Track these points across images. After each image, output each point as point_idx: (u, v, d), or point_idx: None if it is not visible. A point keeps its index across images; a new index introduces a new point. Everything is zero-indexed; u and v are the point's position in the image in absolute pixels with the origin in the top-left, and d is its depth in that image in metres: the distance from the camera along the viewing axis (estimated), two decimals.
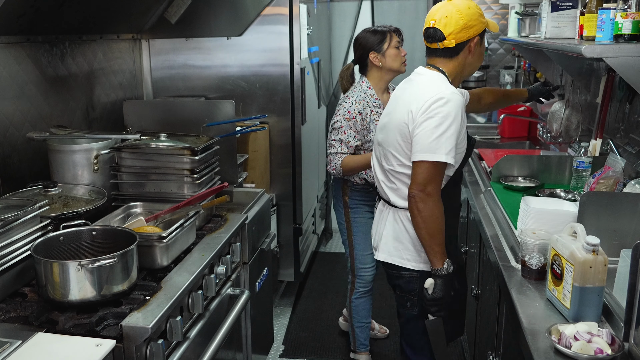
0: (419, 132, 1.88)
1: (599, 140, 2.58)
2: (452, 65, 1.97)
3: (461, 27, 1.90)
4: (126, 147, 2.35)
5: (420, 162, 1.88)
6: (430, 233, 1.90)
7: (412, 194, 1.90)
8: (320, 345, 3.34)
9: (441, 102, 1.86)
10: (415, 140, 1.89)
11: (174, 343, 1.73)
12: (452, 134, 1.85)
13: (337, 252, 4.73)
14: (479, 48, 1.98)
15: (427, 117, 1.86)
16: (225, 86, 3.47)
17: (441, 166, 1.89)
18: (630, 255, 1.32)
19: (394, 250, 2.07)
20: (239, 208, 2.57)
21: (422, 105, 1.88)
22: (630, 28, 1.90)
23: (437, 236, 1.91)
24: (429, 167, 1.87)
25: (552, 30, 2.52)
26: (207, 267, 1.98)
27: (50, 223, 1.87)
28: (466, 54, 1.96)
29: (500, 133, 4.04)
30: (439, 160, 1.85)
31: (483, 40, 2.02)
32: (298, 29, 3.34)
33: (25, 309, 1.63)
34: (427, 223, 1.89)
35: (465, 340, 3.03)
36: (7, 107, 2.25)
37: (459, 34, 1.91)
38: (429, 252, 1.94)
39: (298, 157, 3.51)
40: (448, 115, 1.85)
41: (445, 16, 1.90)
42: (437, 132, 1.85)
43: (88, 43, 2.82)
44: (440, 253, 1.92)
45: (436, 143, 1.85)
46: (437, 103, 1.86)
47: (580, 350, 1.31)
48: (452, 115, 1.85)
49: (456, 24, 1.90)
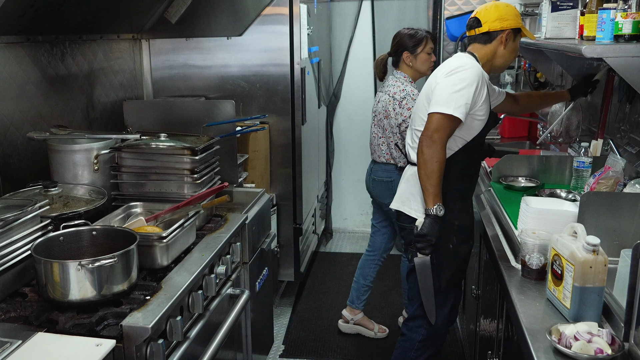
0: (436, 89, 2.17)
1: (600, 140, 2.58)
2: (484, 51, 2.25)
3: (496, 17, 2.21)
4: (126, 147, 2.35)
5: (432, 114, 2.14)
6: (427, 174, 2.12)
7: (421, 139, 2.15)
8: (320, 345, 3.34)
9: (461, 68, 2.16)
10: (433, 96, 2.17)
11: (174, 343, 1.73)
12: (464, 94, 2.10)
13: (337, 252, 4.74)
14: (512, 43, 2.25)
15: (446, 77, 2.16)
16: (226, 86, 3.47)
17: (450, 118, 2.11)
18: (630, 255, 1.31)
19: (405, 200, 2.34)
20: (239, 208, 2.57)
21: (445, 70, 2.19)
22: (631, 28, 1.90)
23: (433, 178, 2.12)
24: (439, 118, 2.12)
25: (552, 30, 2.52)
26: (207, 267, 1.98)
27: (50, 223, 1.87)
28: (498, 43, 2.23)
29: (501, 133, 4.04)
30: (447, 113, 2.09)
31: (517, 39, 2.26)
32: (298, 29, 3.34)
33: (26, 308, 1.63)
34: (426, 164, 2.12)
35: (465, 340, 3.03)
36: (7, 107, 2.25)
37: (493, 23, 2.21)
38: (424, 191, 2.15)
39: (298, 157, 3.51)
40: (465, 78, 2.12)
41: (485, 8, 2.25)
42: (451, 90, 2.12)
43: (88, 43, 2.83)
44: (433, 194, 2.13)
45: (448, 98, 2.11)
46: (457, 68, 2.16)
47: (581, 350, 1.31)
48: (468, 79, 2.12)
49: (491, 15, 2.22)
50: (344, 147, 5.00)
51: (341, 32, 4.73)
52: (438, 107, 2.12)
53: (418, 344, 2.42)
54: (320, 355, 3.25)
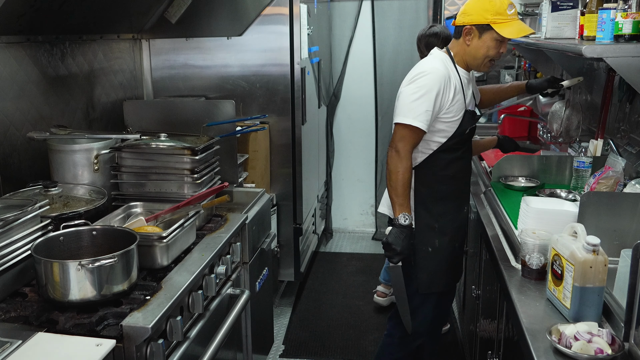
0: (399, 99, 2.18)
1: (600, 140, 2.58)
2: (456, 47, 2.23)
3: (462, 11, 2.17)
4: (126, 147, 2.35)
5: (396, 124, 2.15)
6: (392, 184, 2.15)
7: (388, 150, 2.19)
8: (320, 345, 3.34)
9: (420, 75, 2.14)
10: (396, 105, 2.18)
11: (174, 343, 1.73)
12: (424, 102, 2.09)
13: (338, 252, 4.74)
14: (476, 40, 2.16)
15: (407, 85, 2.15)
16: (226, 86, 3.47)
17: (411, 128, 2.11)
18: (630, 255, 1.31)
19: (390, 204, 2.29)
20: (239, 208, 2.57)
21: (407, 78, 2.18)
22: (631, 28, 1.90)
23: (397, 188, 2.14)
24: (400, 129, 2.14)
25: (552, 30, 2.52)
26: (207, 267, 1.98)
27: (50, 223, 1.87)
28: (463, 38, 2.18)
29: (501, 133, 4.04)
30: (407, 123, 2.10)
31: (485, 36, 2.15)
32: (298, 29, 3.34)
33: (26, 308, 1.63)
34: (391, 175, 2.15)
35: (465, 340, 3.03)
36: (7, 107, 2.25)
37: (459, 16, 2.18)
38: (390, 201, 2.19)
39: (298, 157, 3.51)
40: (423, 86, 2.11)
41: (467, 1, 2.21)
42: (410, 99, 2.12)
43: (88, 43, 2.83)
44: (397, 204, 2.15)
45: (408, 108, 2.12)
46: (416, 76, 2.14)
47: (581, 350, 1.31)
48: (427, 86, 2.10)
49: (462, 8, 2.18)
50: (344, 147, 5.00)
51: (341, 32, 4.73)
52: (399, 118, 2.13)
53: (397, 340, 2.44)
54: (320, 355, 3.25)
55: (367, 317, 3.63)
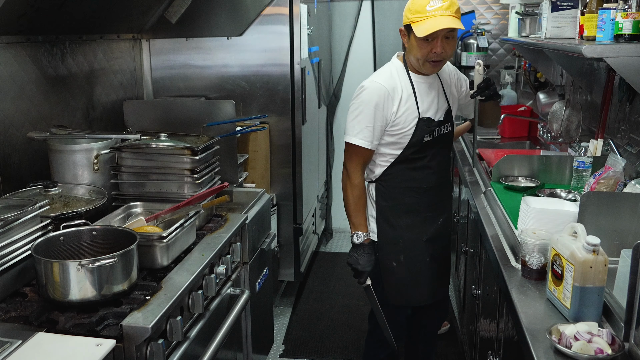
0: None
1: (600, 140, 2.58)
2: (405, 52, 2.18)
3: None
4: (126, 147, 2.35)
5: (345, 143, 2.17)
6: (345, 203, 2.21)
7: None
8: (320, 345, 3.35)
9: (358, 91, 2.13)
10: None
11: (174, 343, 1.73)
12: (362, 119, 2.09)
13: (338, 252, 4.73)
14: (408, 42, 2.10)
15: (351, 103, 2.16)
16: (226, 86, 3.47)
17: (355, 147, 2.12)
18: (630, 255, 1.31)
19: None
20: (239, 208, 2.57)
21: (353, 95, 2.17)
22: (631, 28, 1.90)
23: (348, 208, 2.19)
24: (347, 147, 2.17)
25: (552, 30, 2.52)
26: (207, 267, 1.98)
27: (50, 223, 1.87)
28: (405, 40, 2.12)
29: (501, 133, 4.04)
30: (350, 142, 2.12)
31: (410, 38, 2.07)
32: (298, 29, 3.34)
33: (26, 308, 1.63)
34: (344, 193, 2.20)
35: (465, 340, 3.03)
36: (7, 107, 2.25)
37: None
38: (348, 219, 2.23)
39: (298, 157, 3.51)
40: (361, 102, 2.10)
41: None
42: (351, 117, 2.13)
43: (88, 43, 2.83)
44: (350, 223, 2.20)
45: (350, 126, 2.13)
46: (357, 91, 2.14)
47: (581, 350, 1.31)
48: (363, 102, 2.09)
49: None
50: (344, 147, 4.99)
51: (341, 32, 4.73)
52: (345, 136, 2.16)
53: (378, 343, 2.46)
54: (320, 355, 3.25)
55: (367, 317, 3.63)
